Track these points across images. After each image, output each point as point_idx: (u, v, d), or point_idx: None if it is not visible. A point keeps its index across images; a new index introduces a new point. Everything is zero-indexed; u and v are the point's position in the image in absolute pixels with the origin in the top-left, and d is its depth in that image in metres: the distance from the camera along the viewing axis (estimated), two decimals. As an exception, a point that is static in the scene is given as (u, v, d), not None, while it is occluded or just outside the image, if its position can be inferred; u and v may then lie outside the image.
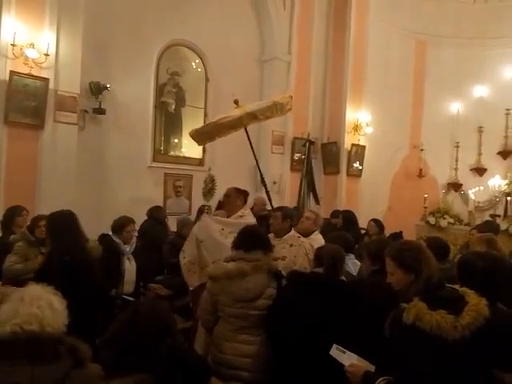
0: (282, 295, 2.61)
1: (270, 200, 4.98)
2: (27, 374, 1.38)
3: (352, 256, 3.83)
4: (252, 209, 6.37)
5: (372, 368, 2.00)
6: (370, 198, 8.95)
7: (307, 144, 8.20)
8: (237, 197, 3.91)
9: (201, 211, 5.69)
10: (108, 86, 6.67)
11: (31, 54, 5.43)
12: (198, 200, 7.46)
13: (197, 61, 8.14)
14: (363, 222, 6.44)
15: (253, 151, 4.92)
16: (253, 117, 4.52)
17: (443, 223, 8.49)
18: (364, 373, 1.96)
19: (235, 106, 4.80)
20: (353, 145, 8.97)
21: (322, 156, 9.20)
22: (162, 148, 7.83)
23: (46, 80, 5.55)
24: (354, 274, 3.68)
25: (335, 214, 7.20)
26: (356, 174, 9.08)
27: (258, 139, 8.66)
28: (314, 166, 8.99)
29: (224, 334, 2.73)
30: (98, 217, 6.12)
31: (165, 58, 7.72)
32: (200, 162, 8.25)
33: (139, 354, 1.91)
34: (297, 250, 3.56)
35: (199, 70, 8.16)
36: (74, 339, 1.53)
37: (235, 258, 2.82)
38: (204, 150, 8.24)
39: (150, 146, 7.60)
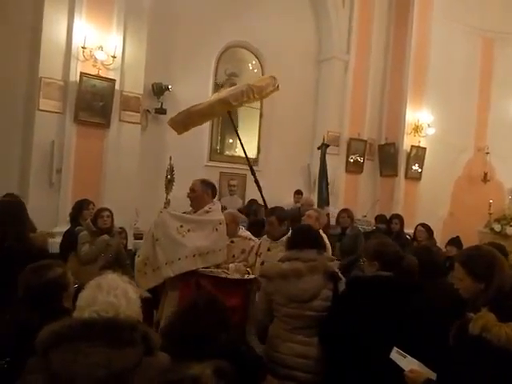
0: (345, 298, 2.52)
1: (262, 196, 4.77)
2: (105, 356, 1.44)
3: None
4: (299, 208, 6.34)
5: (433, 376, 1.92)
6: (430, 202, 8.59)
7: (323, 147, 7.90)
8: (204, 191, 3.53)
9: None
10: (169, 86, 6.91)
11: (100, 56, 5.73)
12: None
13: (253, 62, 8.23)
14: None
15: (239, 138, 4.60)
16: (225, 103, 4.25)
17: (510, 231, 7.95)
18: (425, 380, 1.89)
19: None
20: (412, 146, 8.66)
21: (378, 157, 8.97)
22: (218, 147, 7.99)
23: (113, 81, 5.84)
24: None
25: (381, 218, 6.80)
26: (415, 177, 8.76)
27: (312, 139, 8.63)
28: (369, 167, 8.82)
29: (279, 334, 2.72)
30: (157, 212, 6.35)
31: (223, 60, 7.88)
32: (254, 162, 8.31)
33: (196, 346, 1.94)
34: None
35: (255, 70, 8.24)
36: (146, 327, 1.58)
37: (290, 258, 2.79)
38: (258, 150, 8.31)
39: (206, 146, 7.78)
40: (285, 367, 2.64)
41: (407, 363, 1.94)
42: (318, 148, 8.10)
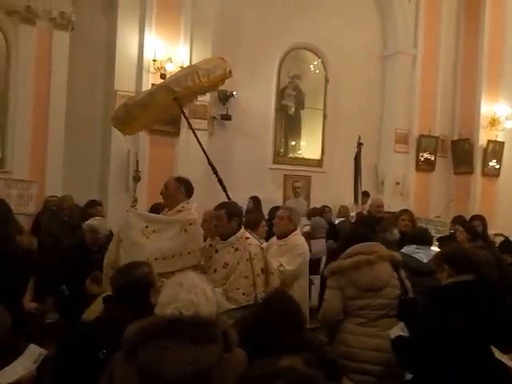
0: (430, 314, 2.41)
1: (226, 193, 4.06)
2: (190, 353, 1.49)
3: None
4: (369, 211, 6.14)
5: None
6: (510, 200, 7.99)
7: (359, 146, 7.51)
8: (176, 188, 3.20)
9: None
10: (234, 93, 7.07)
11: (169, 67, 6.02)
12: (316, 200, 7.48)
13: (315, 63, 8.16)
14: (502, 227, 5.79)
15: (192, 130, 4.13)
16: (167, 90, 3.56)
17: None
18: None
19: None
20: (489, 141, 8.19)
21: (451, 154, 8.54)
22: (281, 150, 8.03)
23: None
24: None
25: (459, 220, 6.02)
26: (493, 174, 8.27)
27: (379, 137, 8.40)
28: (442, 165, 8.41)
29: (349, 329, 2.71)
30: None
31: (285, 62, 7.91)
32: (318, 163, 8.26)
33: (271, 346, 1.94)
34: (240, 256, 2.93)
35: (317, 71, 8.19)
36: (225, 324, 1.62)
37: (351, 254, 2.79)
38: (323, 151, 8.23)
39: (270, 149, 7.85)
40: (357, 361, 2.62)
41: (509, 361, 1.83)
42: (356, 147, 7.84)
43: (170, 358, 1.49)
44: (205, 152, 4.13)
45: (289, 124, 8.10)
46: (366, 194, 7.53)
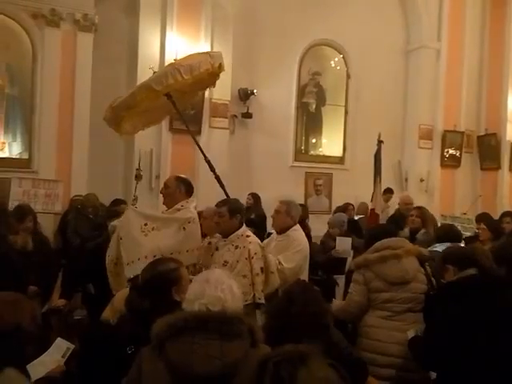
0: (444, 309, 2.38)
1: (224, 190, 3.99)
2: (218, 349, 1.50)
3: None
4: (398, 209, 6.04)
5: None
6: (540, 196, 7.77)
7: (379, 143, 7.34)
8: (176, 187, 3.21)
9: None
10: (255, 91, 7.07)
11: (190, 66, 6.05)
12: (338, 199, 7.39)
13: (336, 59, 8.08)
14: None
15: (186, 126, 4.17)
16: (148, 89, 3.44)
17: None
18: None
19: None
20: (517, 136, 7.95)
21: (478, 150, 8.35)
22: (302, 148, 7.99)
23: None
24: None
25: (483, 218, 5.70)
26: (521, 169, 8.02)
27: (402, 133, 8.28)
28: (468, 161, 8.22)
29: (375, 322, 2.69)
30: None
31: (306, 60, 7.86)
32: (340, 161, 8.18)
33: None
34: (239, 254, 2.92)
35: (338, 67, 8.10)
36: (251, 320, 1.62)
37: (379, 249, 2.78)
38: (344, 148, 8.15)
39: (291, 146, 7.81)
40: (384, 355, 2.59)
41: None
42: (377, 144, 7.67)
43: (199, 352, 1.49)
44: (201, 149, 4.18)
45: (310, 121, 8.04)
46: (389, 191, 7.41)
